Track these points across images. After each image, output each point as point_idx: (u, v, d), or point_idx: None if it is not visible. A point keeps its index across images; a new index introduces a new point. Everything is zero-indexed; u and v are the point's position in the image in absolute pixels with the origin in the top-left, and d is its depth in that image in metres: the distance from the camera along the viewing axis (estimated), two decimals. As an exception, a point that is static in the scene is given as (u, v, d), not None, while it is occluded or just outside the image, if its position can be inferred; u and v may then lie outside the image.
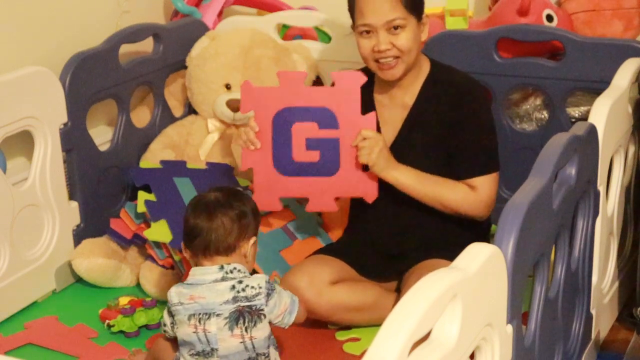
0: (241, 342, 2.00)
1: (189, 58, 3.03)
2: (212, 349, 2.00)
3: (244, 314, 1.99)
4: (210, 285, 2.01)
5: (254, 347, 2.01)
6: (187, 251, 2.08)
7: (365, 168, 2.38)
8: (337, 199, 2.46)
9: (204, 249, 2.04)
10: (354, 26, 2.41)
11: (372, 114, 2.37)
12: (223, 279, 2.01)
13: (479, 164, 2.38)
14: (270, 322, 2.03)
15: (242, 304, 1.99)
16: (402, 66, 2.37)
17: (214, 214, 2.03)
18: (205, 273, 2.02)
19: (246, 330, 1.99)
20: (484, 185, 2.37)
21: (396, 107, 2.44)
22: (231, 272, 2.02)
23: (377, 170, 2.35)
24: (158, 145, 2.97)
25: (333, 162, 2.41)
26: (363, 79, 2.38)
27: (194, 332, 2.00)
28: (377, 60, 2.36)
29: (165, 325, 2.08)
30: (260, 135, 2.43)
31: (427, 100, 2.42)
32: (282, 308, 2.03)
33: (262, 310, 2.00)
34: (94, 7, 2.98)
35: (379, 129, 2.40)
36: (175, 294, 2.03)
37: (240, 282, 2.00)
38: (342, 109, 2.38)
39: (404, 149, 2.42)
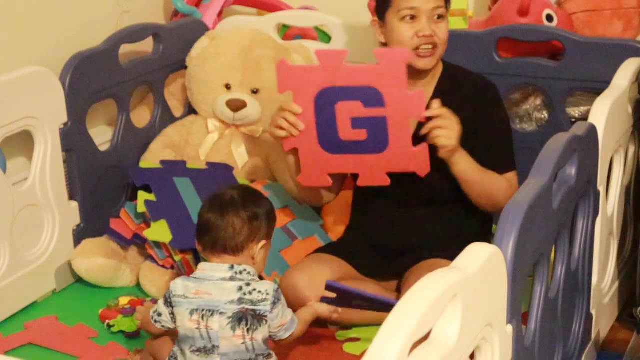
0: (242, 343, 2.00)
1: (189, 58, 3.03)
2: (214, 346, 2.00)
3: (247, 316, 1.99)
4: (218, 283, 2.01)
5: (254, 348, 2.01)
6: (199, 245, 2.09)
7: (415, 143, 2.31)
8: (388, 173, 2.38)
9: (212, 246, 2.04)
10: (384, 14, 2.38)
11: (420, 91, 2.30)
12: (232, 279, 2.01)
13: (510, 159, 2.40)
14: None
15: (247, 307, 1.99)
16: (436, 57, 2.37)
17: (225, 212, 2.04)
18: (215, 270, 2.02)
19: (248, 332, 1.99)
20: (515, 180, 2.39)
21: None
22: (241, 273, 2.02)
23: (446, 153, 2.28)
24: (158, 145, 2.97)
25: (382, 140, 2.33)
26: (408, 55, 2.30)
27: (197, 328, 2.00)
28: (416, 48, 2.35)
29: (160, 315, 2.06)
30: (301, 116, 2.36)
31: (443, 99, 2.42)
32: (283, 321, 2.03)
33: (266, 316, 2.00)
34: (94, 7, 2.98)
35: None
36: (180, 286, 2.02)
37: (249, 284, 2.00)
38: (387, 86, 2.29)
39: None
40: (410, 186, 2.43)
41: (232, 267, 2.02)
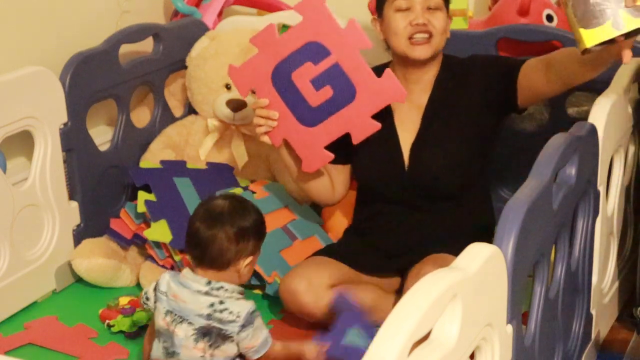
0: (202, 357, 2.01)
1: (189, 58, 3.03)
2: (174, 352, 2.02)
3: (212, 332, 1.99)
4: (193, 293, 2.01)
5: None
6: (187, 253, 2.09)
7: (378, 75, 2.31)
8: (373, 117, 2.35)
9: (200, 261, 2.04)
10: (382, 9, 2.40)
11: (351, 20, 2.32)
12: (206, 293, 2.01)
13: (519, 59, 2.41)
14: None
15: (214, 324, 1.99)
16: (432, 47, 2.37)
17: (214, 228, 2.02)
18: (194, 281, 2.03)
19: (210, 347, 2.00)
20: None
21: (412, 107, 2.44)
22: (217, 289, 2.02)
23: None
24: (158, 145, 2.97)
25: (348, 87, 2.33)
26: None
27: (166, 329, 2.02)
28: (410, 37, 2.36)
29: (147, 299, 2.09)
30: (272, 106, 2.39)
31: (443, 91, 2.42)
32: (251, 344, 2.02)
33: (231, 336, 2.00)
34: (94, 7, 2.98)
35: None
36: (165, 283, 2.05)
37: (222, 302, 2.00)
38: (322, 33, 2.32)
39: (427, 144, 2.42)
40: (412, 186, 2.43)
41: (209, 282, 2.02)
